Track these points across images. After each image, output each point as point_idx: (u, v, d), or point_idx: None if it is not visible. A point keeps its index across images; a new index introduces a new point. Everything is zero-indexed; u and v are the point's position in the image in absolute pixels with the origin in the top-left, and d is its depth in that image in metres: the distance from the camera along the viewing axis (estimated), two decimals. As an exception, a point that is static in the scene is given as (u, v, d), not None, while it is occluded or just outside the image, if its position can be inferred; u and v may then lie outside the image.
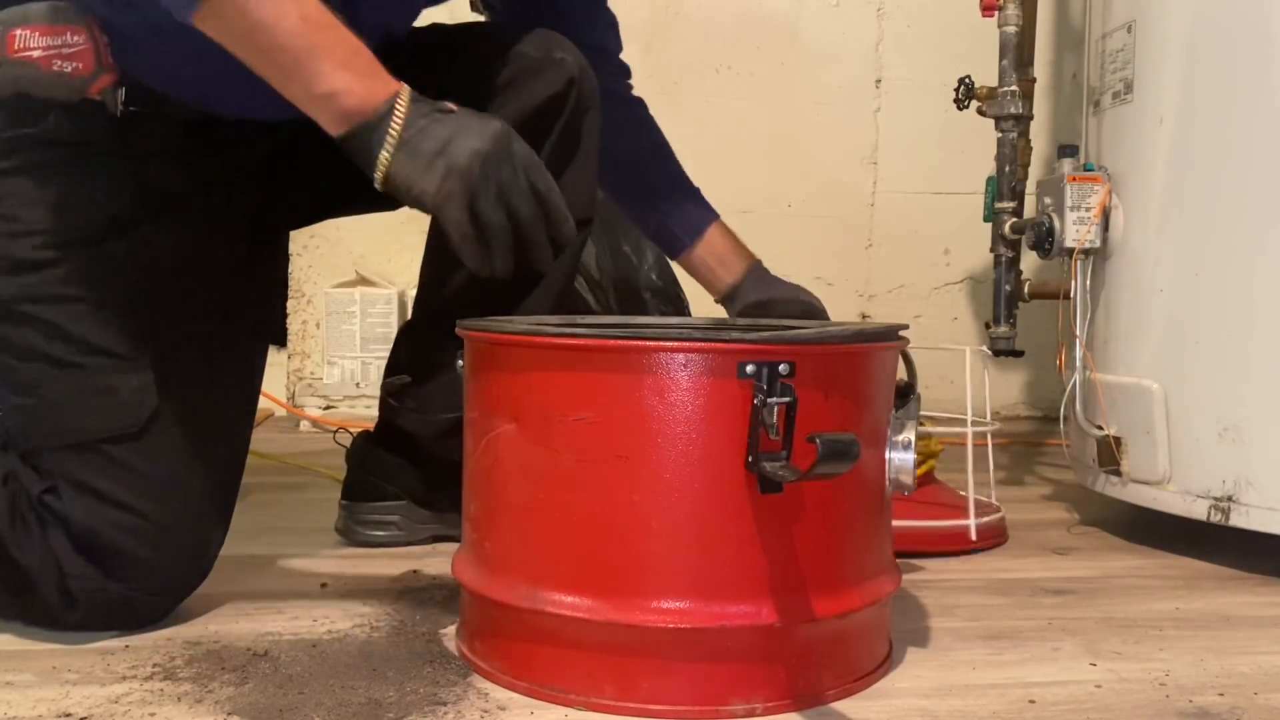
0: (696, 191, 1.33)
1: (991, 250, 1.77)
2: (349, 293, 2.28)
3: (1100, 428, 1.35)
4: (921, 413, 0.92)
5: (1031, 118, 1.76)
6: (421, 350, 1.20)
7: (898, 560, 0.92)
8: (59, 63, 0.88)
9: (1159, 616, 1.06)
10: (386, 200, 1.22)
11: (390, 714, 0.78)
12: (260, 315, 1.08)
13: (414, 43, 1.11)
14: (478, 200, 0.82)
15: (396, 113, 0.81)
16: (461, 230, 0.83)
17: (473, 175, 0.81)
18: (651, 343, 0.77)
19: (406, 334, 1.26)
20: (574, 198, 1.05)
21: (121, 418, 0.93)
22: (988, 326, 1.80)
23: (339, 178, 1.13)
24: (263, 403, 2.32)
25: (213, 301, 1.00)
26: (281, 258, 1.12)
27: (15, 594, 0.93)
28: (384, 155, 0.82)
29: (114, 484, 0.92)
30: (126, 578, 0.92)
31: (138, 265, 0.95)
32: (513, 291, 1.13)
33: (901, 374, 0.91)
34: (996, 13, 1.74)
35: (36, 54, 0.87)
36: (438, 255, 1.23)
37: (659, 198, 1.31)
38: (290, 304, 2.42)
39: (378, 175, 0.83)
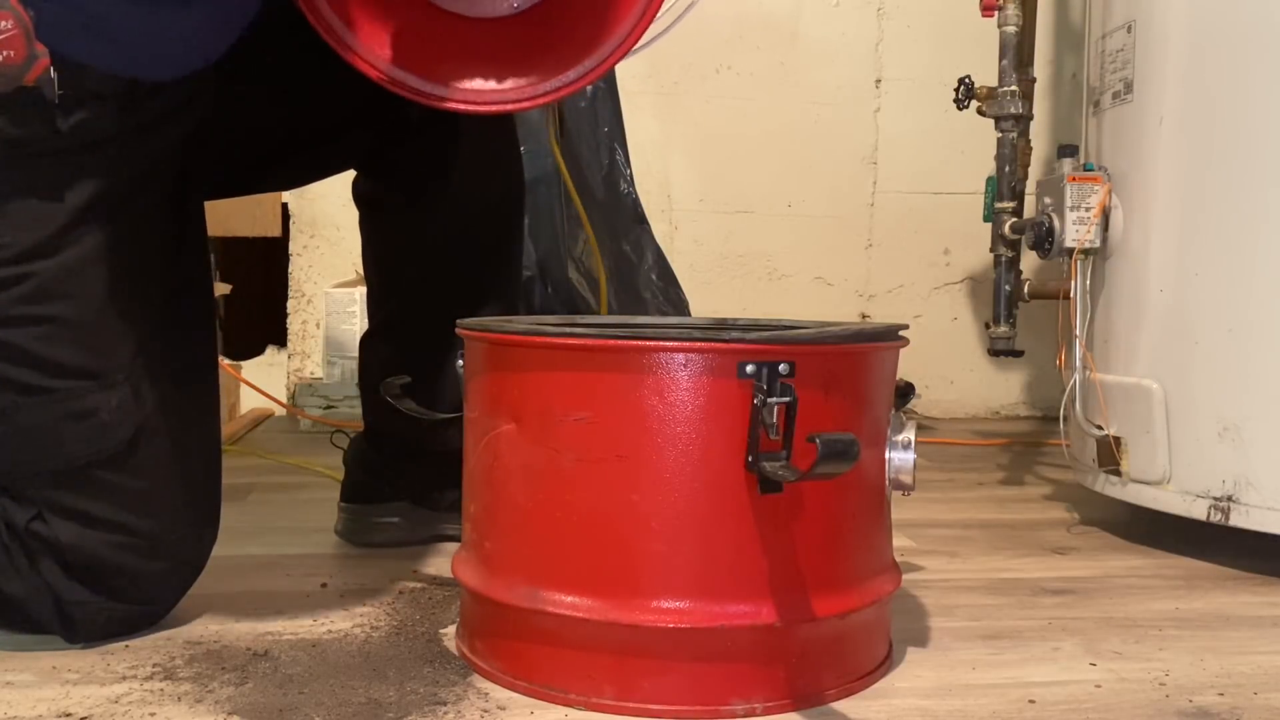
0: None
1: (991, 250, 1.77)
2: (349, 293, 2.28)
3: (1100, 428, 1.35)
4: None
5: (1031, 118, 1.77)
6: (389, 355, 1.20)
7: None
8: None
9: (1159, 616, 1.06)
10: (299, 175, 1.22)
11: (390, 714, 0.78)
12: (201, 300, 1.02)
13: None
14: None
15: None
16: None
17: None
18: (651, 343, 0.77)
19: (369, 342, 1.25)
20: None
21: (105, 439, 0.90)
22: (988, 326, 1.80)
23: (256, 151, 1.12)
24: (263, 402, 2.34)
25: (161, 296, 0.96)
26: (204, 237, 1.07)
27: (12, 622, 0.92)
28: None
29: (103, 505, 0.90)
30: (123, 593, 0.92)
31: (97, 274, 0.90)
32: (465, 289, 1.15)
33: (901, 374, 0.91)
34: (996, 13, 1.74)
35: None
36: (377, 258, 1.23)
37: None
38: (290, 304, 2.42)
39: None
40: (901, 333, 0.88)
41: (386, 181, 1.19)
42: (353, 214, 1.26)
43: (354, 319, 2.28)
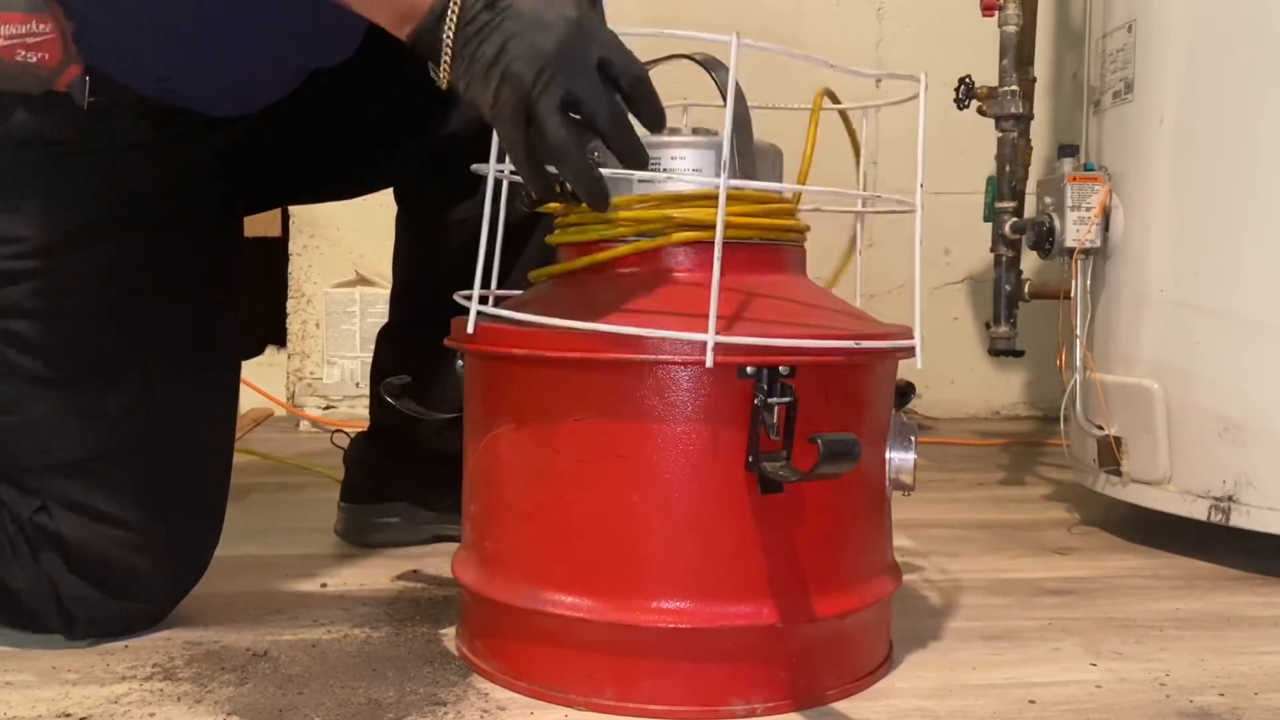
0: None
1: (991, 250, 1.77)
2: (349, 293, 2.28)
3: (1100, 428, 1.35)
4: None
5: (1031, 117, 1.77)
6: (405, 350, 1.20)
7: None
8: (23, 53, 0.83)
9: (1159, 616, 1.06)
10: (344, 190, 1.21)
11: (390, 714, 0.78)
12: (230, 310, 1.02)
13: None
14: (536, 111, 0.70)
15: (451, 11, 0.70)
16: (516, 152, 0.72)
17: (525, 85, 0.69)
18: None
19: (386, 335, 1.25)
20: None
21: (111, 435, 0.90)
22: (988, 326, 1.80)
23: (302, 166, 1.11)
24: (263, 403, 2.34)
25: (188, 301, 0.96)
26: (240, 248, 1.06)
27: (12, 615, 0.92)
28: (443, 68, 0.72)
29: (108, 500, 0.90)
30: (124, 591, 0.91)
31: (117, 271, 0.91)
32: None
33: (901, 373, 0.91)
34: (996, 12, 1.74)
35: None
36: (408, 253, 1.22)
37: None
38: (290, 304, 2.42)
39: (443, 88, 0.73)
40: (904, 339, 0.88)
41: (430, 183, 1.17)
42: (353, 214, 1.26)
43: (354, 319, 2.28)
